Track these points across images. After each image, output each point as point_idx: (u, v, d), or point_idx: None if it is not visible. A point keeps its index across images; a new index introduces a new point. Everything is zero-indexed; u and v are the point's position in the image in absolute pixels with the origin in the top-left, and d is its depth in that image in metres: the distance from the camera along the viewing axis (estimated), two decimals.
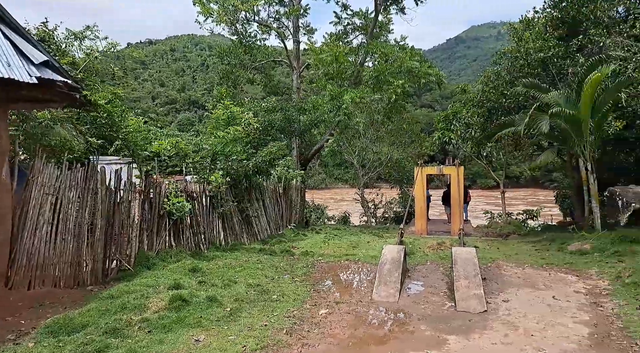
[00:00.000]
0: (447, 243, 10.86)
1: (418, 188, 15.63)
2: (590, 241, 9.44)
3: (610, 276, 7.63)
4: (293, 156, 18.72)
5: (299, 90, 20.50)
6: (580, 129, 9.76)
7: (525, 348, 5.24)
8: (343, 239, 12.97)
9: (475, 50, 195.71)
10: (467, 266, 7.81)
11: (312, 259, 10.01)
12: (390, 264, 8.26)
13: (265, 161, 11.52)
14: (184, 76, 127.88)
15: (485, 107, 14.24)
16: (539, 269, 8.64)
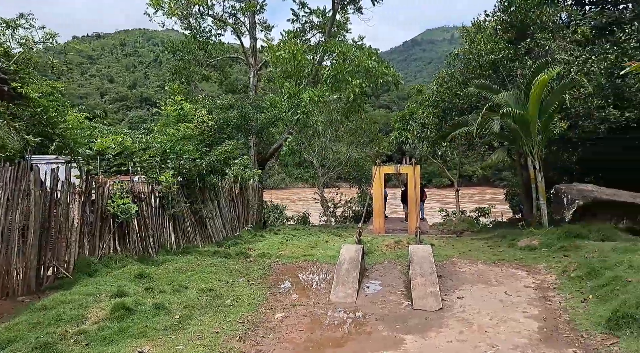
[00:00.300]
0: (404, 242, 10.93)
1: (376, 186, 15.70)
2: (538, 237, 9.81)
3: (557, 271, 7.92)
4: (250, 155, 18.30)
5: (257, 88, 20.09)
6: (528, 129, 10.15)
7: (480, 344, 5.27)
8: (301, 239, 12.76)
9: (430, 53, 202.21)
10: (424, 264, 7.84)
11: (269, 261, 9.73)
12: (349, 264, 8.15)
13: (220, 160, 11.08)
14: (135, 72, 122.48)
15: (440, 108, 14.55)
16: (492, 265, 8.85)
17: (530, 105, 9.96)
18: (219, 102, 16.74)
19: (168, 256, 9.48)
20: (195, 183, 11.71)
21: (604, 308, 5.83)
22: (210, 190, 12.59)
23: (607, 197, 9.63)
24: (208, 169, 11.22)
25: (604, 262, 7.31)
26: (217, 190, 13.01)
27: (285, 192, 64.68)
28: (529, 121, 9.94)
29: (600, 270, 7.08)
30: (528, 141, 10.43)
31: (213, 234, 12.28)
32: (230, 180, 14.02)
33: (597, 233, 9.23)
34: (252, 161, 19.81)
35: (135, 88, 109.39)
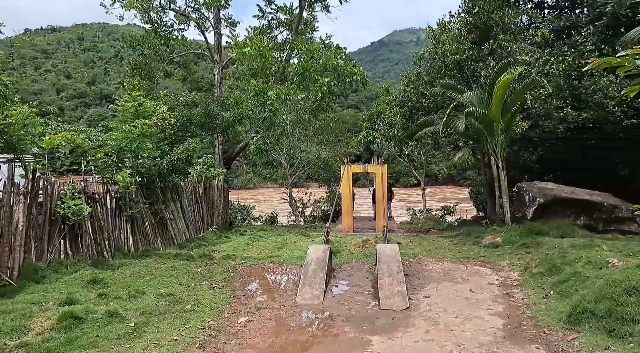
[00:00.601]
0: (371, 241, 10.88)
1: (344, 185, 15.62)
2: (501, 235, 10.00)
3: (519, 268, 8.07)
4: (216, 154, 17.81)
5: (222, 85, 19.58)
6: (492, 128, 10.35)
7: (446, 344, 5.22)
8: (268, 240, 12.48)
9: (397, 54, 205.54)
10: (391, 263, 7.78)
11: (234, 263, 9.41)
12: (316, 264, 7.98)
13: (182, 159, 10.63)
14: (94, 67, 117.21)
15: (407, 107, 14.65)
16: (457, 263, 8.92)
17: (493, 105, 10.15)
18: (182, 99, 16.15)
19: (125, 259, 8.97)
20: (156, 183, 11.20)
21: (565, 303, 5.93)
22: (172, 190, 12.09)
23: (566, 195, 9.96)
24: (169, 168, 10.75)
25: (563, 258, 7.49)
26: (179, 190, 12.51)
27: (254, 192, 63.89)
28: (493, 121, 10.13)
29: (560, 266, 7.24)
30: (491, 140, 10.64)
31: (175, 236, 11.79)
32: (193, 180, 13.54)
33: (557, 230, 9.50)
34: (218, 160, 19.31)
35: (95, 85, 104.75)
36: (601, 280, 5.59)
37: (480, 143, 11.58)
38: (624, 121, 11.57)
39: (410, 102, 14.30)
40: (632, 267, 5.48)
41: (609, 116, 11.66)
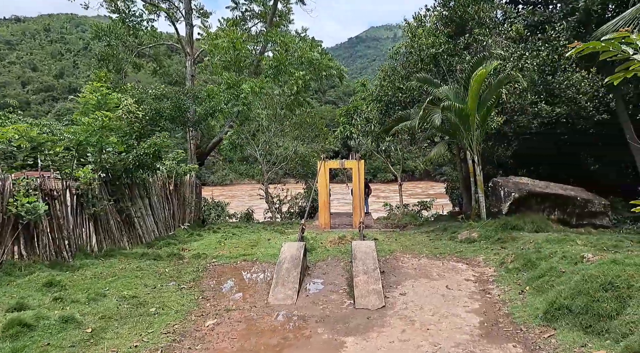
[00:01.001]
0: (348, 237, 10.67)
1: (321, 181, 15.39)
2: (477, 230, 9.96)
3: (495, 263, 8.00)
4: (189, 149, 17.23)
5: (194, 78, 18.94)
6: (468, 123, 10.28)
7: (422, 344, 5.04)
8: (242, 237, 12.11)
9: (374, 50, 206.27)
10: (367, 260, 7.58)
11: (205, 262, 9.02)
12: (289, 263, 7.69)
13: (149, 153, 10.11)
14: (62, 60, 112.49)
15: (383, 102, 14.49)
16: (433, 259, 8.80)
17: (469, 99, 10.07)
18: (151, 92, 15.48)
19: (87, 260, 8.46)
20: (122, 179, 10.67)
21: (541, 299, 5.85)
22: (139, 187, 11.56)
23: (540, 189, 10.00)
24: (135, 163, 10.22)
25: (538, 253, 7.45)
26: (148, 187, 11.99)
27: (230, 188, 63.09)
28: (469, 115, 10.06)
29: (535, 261, 7.19)
30: (467, 135, 10.58)
31: (143, 234, 11.28)
32: (163, 176, 13.01)
33: (532, 225, 9.52)
34: (190, 155, 18.73)
35: (63, 78, 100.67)
36: (577, 275, 5.51)
37: (456, 138, 11.52)
38: (595, 116, 11.73)
39: (386, 97, 14.14)
40: (607, 262, 5.42)
41: (582, 111, 11.81)
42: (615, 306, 4.71)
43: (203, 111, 15.46)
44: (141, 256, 9.17)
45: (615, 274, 5.02)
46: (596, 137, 14.80)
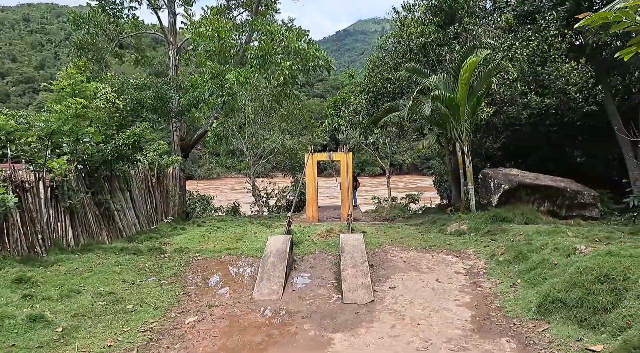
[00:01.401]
0: (336, 230, 10.43)
1: (309, 174, 15.13)
2: (466, 222, 9.82)
3: (485, 255, 7.85)
4: (173, 141, 16.76)
5: (177, 68, 18.38)
6: (458, 113, 10.09)
7: (412, 340, 4.83)
8: (227, 231, 11.77)
9: (362, 43, 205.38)
10: (355, 253, 7.36)
11: (187, 256, 8.69)
12: (275, 257, 7.43)
13: (128, 144, 9.68)
14: (42, 51, 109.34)
15: (372, 93, 14.23)
16: (423, 251, 8.62)
17: (459, 88, 9.88)
18: (132, 82, 14.94)
19: (63, 255, 8.05)
20: (100, 171, 10.24)
21: (533, 292, 5.70)
22: (120, 179, 11.14)
23: (530, 181, 9.89)
24: (114, 155, 9.79)
25: (529, 245, 7.32)
26: (128, 179, 11.57)
27: (217, 182, 62.48)
28: (459, 105, 9.86)
29: (526, 254, 7.05)
30: (457, 125, 10.39)
31: (124, 228, 10.88)
32: (145, 168, 12.58)
33: (521, 217, 9.40)
34: (173, 147, 18.25)
35: (44, 69, 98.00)
36: (571, 267, 5.36)
37: (445, 129, 11.34)
38: (584, 107, 11.66)
39: (374, 88, 13.87)
40: (602, 254, 5.28)
41: (571, 103, 11.72)
42: (611, 299, 4.56)
43: (186, 101, 14.99)
44: (120, 250, 8.78)
45: (610, 266, 4.87)
46: (584, 129, 14.82)
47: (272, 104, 19.32)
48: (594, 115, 12.62)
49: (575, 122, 12.92)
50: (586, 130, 14.80)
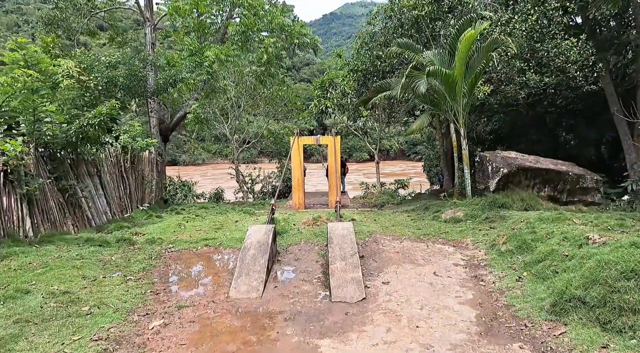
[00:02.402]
0: (323, 218, 9.73)
1: (295, 158, 14.36)
2: (462, 209, 9.21)
3: (485, 245, 7.25)
4: (149, 123, 15.76)
5: (154, 46, 17.23)
6: (454, 91, 9.36)
7: (411, 346, 4.19)
8: (207, 219, 10.98)
9: (349, 27, 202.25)
10: (344, 244, 6.67)
11: (159, 248, 7.89)
12: (256, 249, 6.70)
13: (93, 124, 8.74)
14: (19, 32, 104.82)
15: (361, 72, 13.39)
16: (417, 241, 7.98)
17: (456, 64, 9.13)
18: (103, 59, 13.82)
19: (17, 247, 7.18)
20: (65, 154, 9.31)
21: (544, 287, 5.10)
22: (88, 163, 10.22)
23: (531, 164, 9.28)
24: (79, 136, 8.86)
25: (534, 234, 6.72)
26: (98, 163, 10.64)
27: (203, 168, 61.35)
28: (455, 81, 9.12)
29: (531, 243, 6.46)
30: (454, 104, 9.67)
31: (93, 216, 10.01)
32: (117, 151, 11.63)
33: (521, 203, 8.82)
34: (150, 128, 17.27)
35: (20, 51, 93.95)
36: (589, 261, 4.74)
37: (440, 109, 10.62)
38: (584, 86, 11.06)
39: (364, 66, 13.04)
40: (625, 246, 4.67)
41: (570, 82, 11.11)
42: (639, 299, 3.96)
43: (162, 80, 13.96)
44: (85, 241, 7.94)
45: (637, 259, 4.26)
46: (577, 112, 14.32)
47: (255, 85, 18.34)
48: (589, 97, 12.08)
49: (572, 104, 12.39)
50: (579, 113, 14.33)
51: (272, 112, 20.42)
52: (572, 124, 15.08)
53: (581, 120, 14.36)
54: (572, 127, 15.26)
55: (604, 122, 13.61)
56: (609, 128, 13.46)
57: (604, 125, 13.74)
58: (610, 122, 13.05)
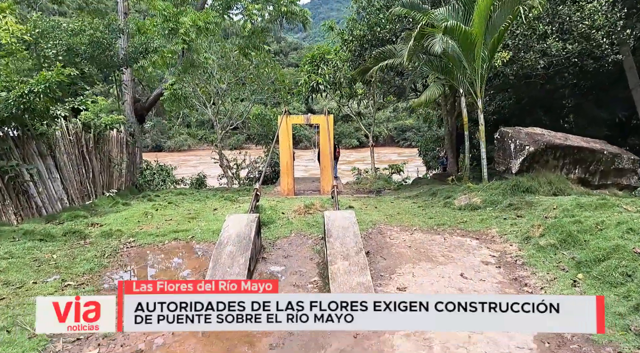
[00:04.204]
0: (317, 205, 8.35)
1: (283, 139, 12.91)
2: (478, 194, 7.90)
3: (516, 237, 5.94)
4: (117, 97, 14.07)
5: (127, 16, 15.39)
6: (473, 54, 7.92)
7: None
8: (181, 207, 9.51)
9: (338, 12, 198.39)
10: (346, 238, 5.30)
11: (116, 242, 6.42)
12: (235, 244, 5.30)
13: (37, 93, 7.13)
14: None
15: (357, 40, 11.85)
16: (430, 232, 6.65)
17: (475, 21, 7.70)
18: (65, 26, 12.03)
19: None
20: (4, 130, 7.71)
21: (617, 297, 3.81)
22: (38, 141, 8.61)
23: (560, 141, 7.98)
24: (19, 107, 7.25)
25: (579, 224, 5.43)
26: (52, 141, 9.03)
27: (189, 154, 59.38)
28: (475, 42, 7.71)
29: (577, 235, 5.17)
30: (471, 71, 8.27)
31: (44, 204, 8.46)
32: (77, 128, 10.01)
33: (549, 186, 7.53)
34: (126, 108, 15.58)
35: None
36: None
37: (453, 77, 9.18)
38: (610, 56, 9.77)
39: (361, 33, 11.50)
40: None
41: (595, 50, 9.80)
42: None
43: (132, 48, 12.24)
44: (24, 235, 6.43)
45: None
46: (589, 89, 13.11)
47: (239, 60, 16.63)
48: (603, 72, 10.80)
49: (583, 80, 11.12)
50: (587, 91, 13.15)
51: (259, 90, 18.75)
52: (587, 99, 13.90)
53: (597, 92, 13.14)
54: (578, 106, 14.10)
55: (614, 99, 12.49)
56: (621, 105, 12.32)
57: (615, 102, 12.60)
58: (624, 100, 11.88)
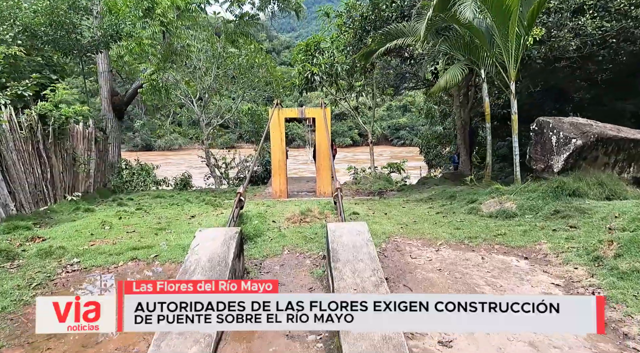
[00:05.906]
0: (314, 211, 6.91)
1: (274, 135, 11.52)
2: (511, 198, 6.50)
3: (580, 257, 4.53)
4: (85, 87, 12.48)
5: None
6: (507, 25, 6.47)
7: None
8: (151, 213, 8.00)
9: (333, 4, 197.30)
10: (359, 262, 3.87)
11: (55, 264, 4.90)
12: (205, 272, 3.85)
13: None
14: None
15: (358, 22, 10.39)
16: (462, 248, 5.22)
17: None
18: (26, 6, 10.47)
19: None
20: None
21: None
22: None
23: (613, 132, 6.61)
24: None
25: None
26: None
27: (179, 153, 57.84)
28: (511, 11, 6.27)
29: None
30: (503, 48, 6.85)
31: None
32: (31, 120, 8.46)
33: (600, 188, 6.16)
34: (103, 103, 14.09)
35: None
36: None
37: (478, 57, 7.70)
38: None
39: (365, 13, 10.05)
40: None
41: (634, 30, 8.46)
42: None
43: (101, 31, 10.69)
44: None
45: None
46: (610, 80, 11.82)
47: (226, 49, 15.11)
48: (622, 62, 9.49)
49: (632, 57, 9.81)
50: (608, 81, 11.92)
51: (248, 83, 17.25)
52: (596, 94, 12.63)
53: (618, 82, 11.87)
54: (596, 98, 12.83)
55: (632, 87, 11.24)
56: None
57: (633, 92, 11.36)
58: None
